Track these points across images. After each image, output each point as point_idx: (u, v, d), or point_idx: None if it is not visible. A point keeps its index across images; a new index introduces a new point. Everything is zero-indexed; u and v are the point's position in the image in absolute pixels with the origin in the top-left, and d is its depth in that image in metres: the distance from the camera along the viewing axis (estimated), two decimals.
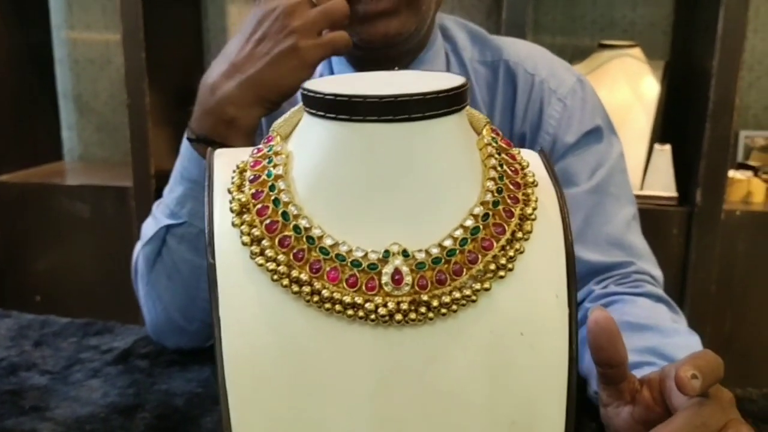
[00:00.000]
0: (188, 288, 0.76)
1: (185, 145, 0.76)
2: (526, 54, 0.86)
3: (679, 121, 1.69)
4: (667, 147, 1.57)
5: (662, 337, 0.68)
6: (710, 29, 1.47)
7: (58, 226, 1.80)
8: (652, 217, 1.53)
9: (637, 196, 0.87)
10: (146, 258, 0.78)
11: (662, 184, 1.58)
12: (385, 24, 0.72)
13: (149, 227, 0.78)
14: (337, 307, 0.37)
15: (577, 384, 0.69)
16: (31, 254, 1.83)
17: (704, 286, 1.55)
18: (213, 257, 0.39)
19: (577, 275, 0.80)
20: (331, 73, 0.85)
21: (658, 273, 0.82)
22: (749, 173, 1.66)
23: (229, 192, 0.40)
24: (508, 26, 1.53)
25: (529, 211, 0.40)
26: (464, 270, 0.38)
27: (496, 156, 0.42)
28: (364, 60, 0.80)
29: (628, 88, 1.64)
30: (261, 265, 0.38)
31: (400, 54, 0.79)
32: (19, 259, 1.84)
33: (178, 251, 0.75)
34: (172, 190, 0.77)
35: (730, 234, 1.55)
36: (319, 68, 0.86)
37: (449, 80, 0.40)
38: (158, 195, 1.76)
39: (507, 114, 0.85)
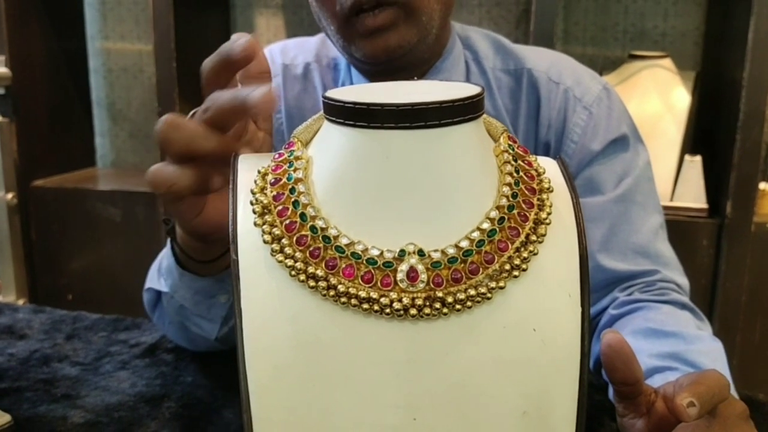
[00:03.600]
0: (186, 333, 0.76)
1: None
2: (549, 62, 0.86)
3: (710, 132, 1.68)
4: (698, 158, 1.56)
5: (685, 344, 0.68)
6: (741, 40, 1.46)
7: (91, 229, 1.83)
8: (682, 228, 1.52)
9: (667, 208, 0.86)
10: (147, 303, 0.79)
11: (692, 195, 1.56)
12: (385, 38, 0.73)
13: (153, 270, 0.77)
14: (353, 301, 0.39)
15: (597, 384, 0.69)
16: (65, 255, 1.87)
17: (734, 296, 1.53)
18: (236, 254, 0.40)
19: (602, 283, 0.81)
20: (352, 83, 0.86)
21: (683, 281, 0.82)
22: None
23: (252, 194, 0.42)
24: (537, 36, 1.53)
25: (543, 215, 0.42)
26: (480, 269, 0.39)
27: (513, 162, 0.43)
28: (378, 73, 0.81)
29: (658, 98, 1.63)
30: (280, 261, 0.39)
31: (411, 64, 0.79)
32: (53, 259, 1.88)
33: (169, 309, 0.74)
34: (163, 258, 0.73)
35: (761, 246, 1.53)
36: (341, 79, 0.87)
37: (466, 89, 0.42)
38: None
39: (531, 122, 0.85)
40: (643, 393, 0.52)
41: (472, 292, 0.39)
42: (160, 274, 0.74)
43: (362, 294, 0.38)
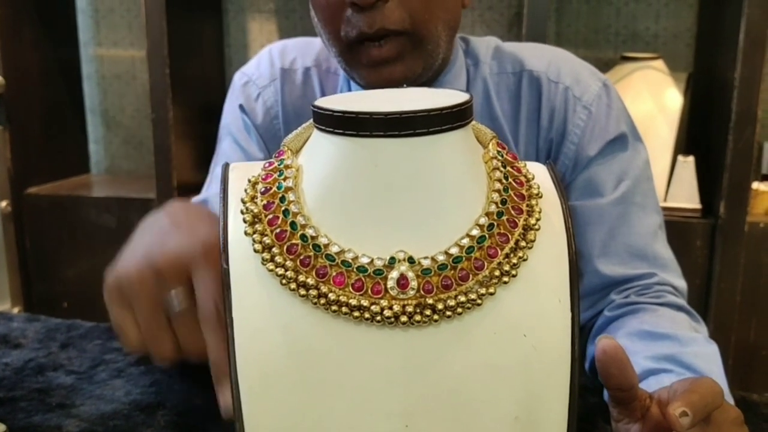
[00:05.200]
0: None
1: None
2: (548, 61, 0.86)
3: (703, 133, 1.68)
4: (691, 159, 1.56)
5: (680, 346, 0.68)
6: (732, 41, 1.47)
7: (85, 236, 1.83)
8: (675, 229, 1.52)
9: (661, 208, 0.86)
10: None
11: (686, 196, 1.57)
12: (390, 70, 0.72)
13: None
14: (344, 309, 0.39)
15: (591, 387, 0.70)
16: (60, 263, 1.86)
17: (729, 296, 1.53)
18: (227, 263, 0.41)
19: (599, 287, 0.81)
20: (350, 90, 0.86)
21: (681, 283, 0.82)
22: None
23: (243, 203, 0.42)
24: (529, 39, 1.53)
25: (532, 221, 0.42)
26: (470, 276, 0.40)
27: (502, 169, 0.43)
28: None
29: (651, 100, 1.64)
30: (271, 270, 0.40)
31: (414, 84, 0.79)
32: (47, 267, 1.87)
33: None
34: None
35: (755, 246, 1.54)
36: (339, 85, 0.87)
37: (454, 97, 0.42)
38: None
39: (533, 124, 0.85)
40: (638, 398, 0.52)
41: (463, 298, 0.39)
42: None
43: (353, 302, 0.39)
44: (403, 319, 0.39)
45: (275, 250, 0.40)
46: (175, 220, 0.58)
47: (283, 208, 0.41)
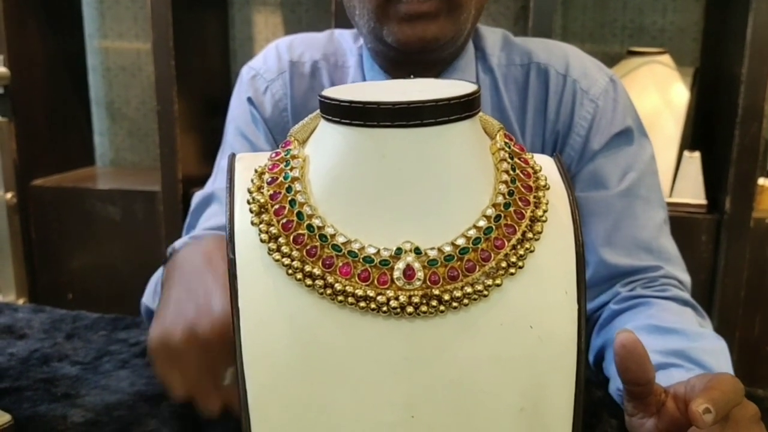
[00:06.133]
0: None
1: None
2: (557, 54, 0.86)
3: (709, 128, 1.68)
4: (697, 154, 1.56)
5: (689, 341, 0.68)
6: (739, 36, 1.46)
7: (90, 229, 1.83)
8: (681, 224, 1.52)
9: (666, 204, 0.86)
10: (144, 313, 0.80)
11: (691, 191, 1.56)
12: (423, 27, 0.72)
13: (151, 285, 0.78)
14: (350, 299, 0.39)
15: (596, 381, 0.70)
16: (65, 255, 1.87)
17: (733, 292, 1.53)
18: (233, 253, 0.41)
19: (604, 277, 0.81)
20: (364, 80, 0.86)
21: (685, 278, 0.82)
22: None
23: (249, 193, 0.42)
24: (536, 33, 1.53)
25: (539, 213, 0.42)
26: (477, 267, 0.39)
27: (509, 160, 0.43)
28: (398, 66, 0.81)
29: (657, 94, 1.63)
30: (277, 260, 0.40)
31: (433, 62, 0.78)
32: (52, 259, 1.88)
33: None
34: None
35: (760, 242, 1.53)
36: (350, 78, 0.87)
37: (462, 87, 0.42)
38: (185, 199, 1.76)
39: (540, 117, 0.85)
40: (653, 393, 0.52)
41: (469, 289, 0.39)
42: (155, 293, 0.74)
43: (359, 292, 0.39)
44: (409, 309, 0.39)
45: (281, 240, 0.40)
46: (215, 272, 0.58)
47: (289, 198, 0.41)
